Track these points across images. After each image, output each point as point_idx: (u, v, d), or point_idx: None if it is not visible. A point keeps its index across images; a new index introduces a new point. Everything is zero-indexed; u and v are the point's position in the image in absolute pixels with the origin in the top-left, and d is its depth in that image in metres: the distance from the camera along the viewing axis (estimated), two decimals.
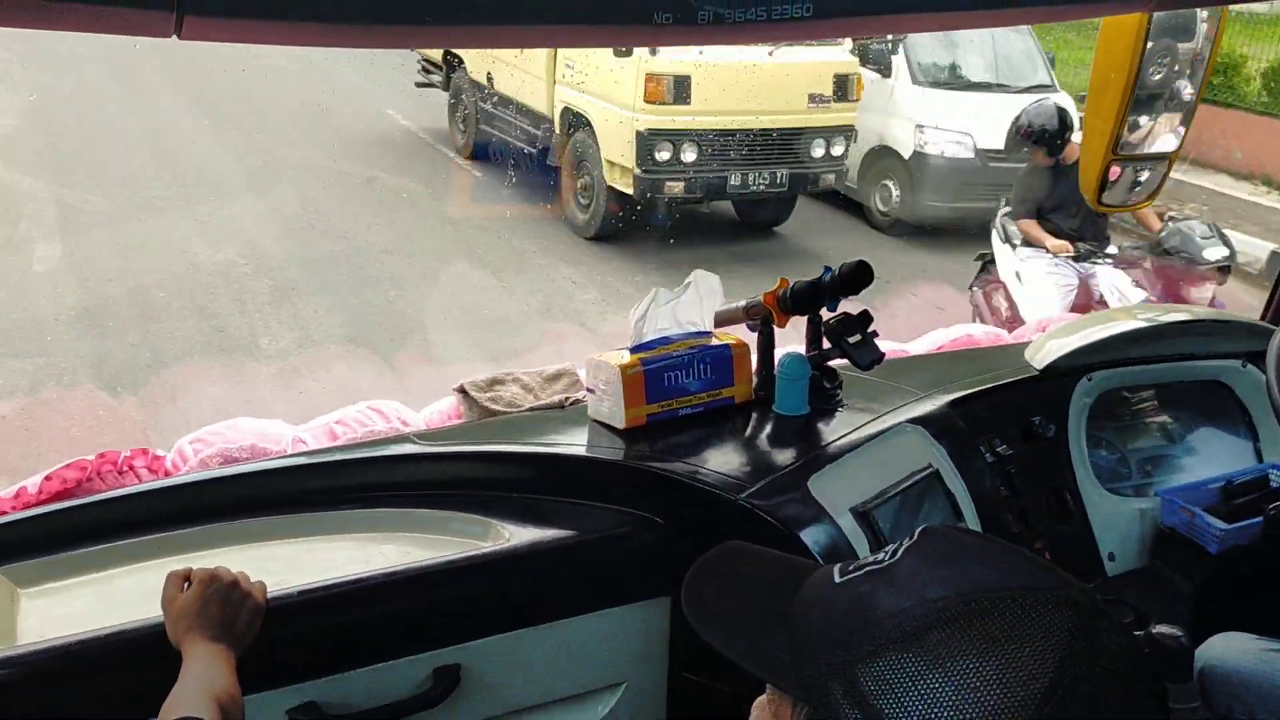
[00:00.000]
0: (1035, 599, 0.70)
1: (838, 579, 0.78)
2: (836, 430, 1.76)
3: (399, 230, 6.95)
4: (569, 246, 7.05)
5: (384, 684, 1.45)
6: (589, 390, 1.80)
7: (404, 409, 1.97)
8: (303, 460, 1.72)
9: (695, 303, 1.82)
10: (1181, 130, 2.10)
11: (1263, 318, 2.54)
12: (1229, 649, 1.68)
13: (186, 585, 1.29)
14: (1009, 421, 1.95)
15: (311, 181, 7.65)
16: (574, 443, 1.78)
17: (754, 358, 1.87)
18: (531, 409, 1.93)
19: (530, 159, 7.74)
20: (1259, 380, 2.09)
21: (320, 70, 10.14)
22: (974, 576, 0.72)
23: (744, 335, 1.89)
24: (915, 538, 0.78)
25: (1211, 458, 2.19)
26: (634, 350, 1.76)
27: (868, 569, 0.77)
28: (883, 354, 1.81)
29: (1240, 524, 1.89)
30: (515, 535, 1.58)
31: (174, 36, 0.92)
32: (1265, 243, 7.59)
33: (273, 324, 5.46)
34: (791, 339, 1.96)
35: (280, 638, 1.35)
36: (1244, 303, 5.60)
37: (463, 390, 1.97)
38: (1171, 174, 2.18)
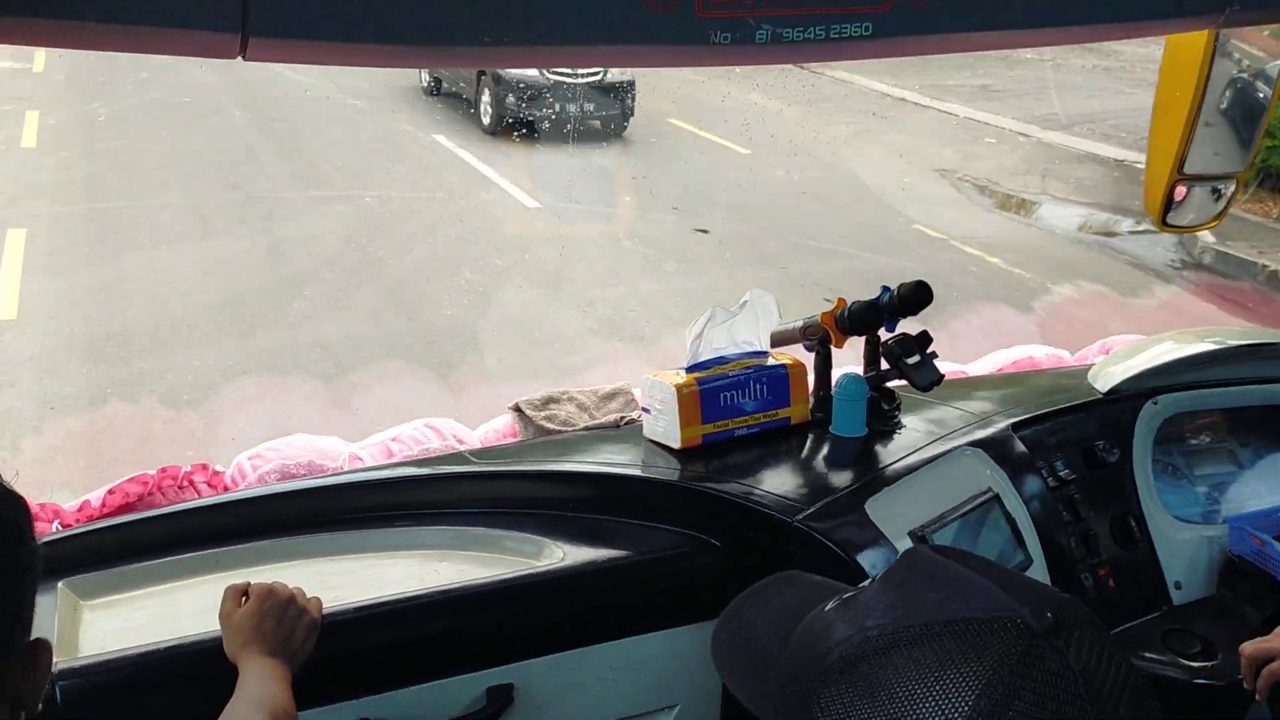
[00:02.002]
0: (971, 626, 0.68)
1: (829, 605, 0.79)
2: (894, 453, 1.73)
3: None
4: None
5: (437, 702, 1.45)
6: (644, 410, 1.79)
7: (459, 426, 1.98)
8: (359, 477, 1.74)
9: (752, 322, 1.81)
10: (1250, 149, 2.05)
11: None
12: None
13: (244, 600, 1.30)
14: (1071, 445, 1.92)
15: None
16: (629, 462, 1.77)
17: (811, 378, 1.86)
18: (586, 428, 1.93)
19: None
20: None
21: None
22: (916, 604, 0.71)
23: (801, 355, 1.88)
24: (894, 562, 0.78)
25: None
26: (690, 370, 1.76)
27: (845, 597, 0.77)
28: (942, 375, 1.79)
29: None
30: (570, 555, 1.57)
31: (239, 57, 0.93)
32: None
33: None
34: (849, 359, 1.95)
35: (335, 654, 1.36)
36: None
37: (518, 408, 1.97)
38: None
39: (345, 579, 1.53)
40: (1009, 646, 0.67)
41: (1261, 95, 2.00)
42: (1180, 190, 2.05)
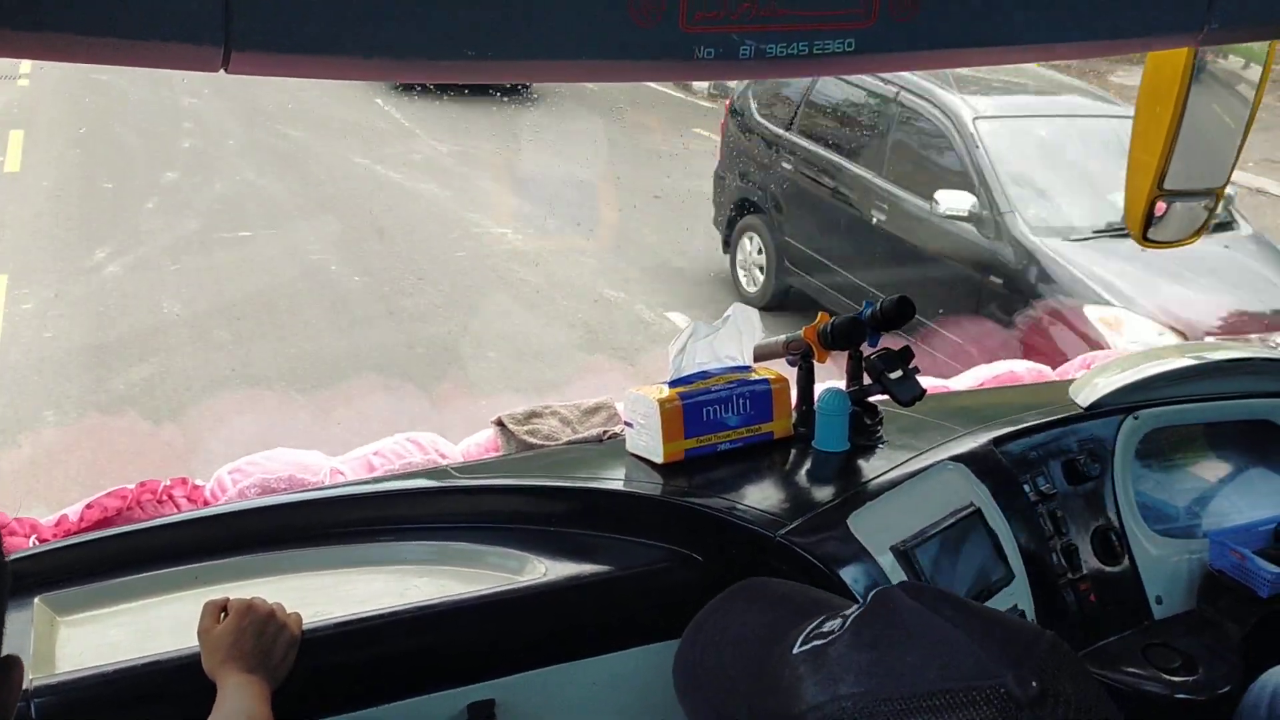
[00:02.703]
0: (951, 699, 0.64)
1: (795, 649, 0.75)
2: (877, 467, 1.73)
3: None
4: None
5: (418, 718, 1.44)
6: (627, 424, 1.79)
7: (441, 441, 1.97)
8: (340, 492, 1.73)
9: (734, 337, 1.81)
10: (1230, 164, 2.07)
11: None
12: None
13: (223, 615, 1.29)
14: (1053, 460, 1.92)
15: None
16: (612, 477, 1.77)
17: (794, 393, 1.86)
18: (569, 442, 1.92)
19: None
20: None
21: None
22: (892, 671, 0.68)
23: (784, 370, 1.88)
24: (863, 607, 0.74)
25: (1262, 499, 2.13)
26: (672, 384, 1.76)
27: (813, 645, 0.74)
28: (924, 390, 1.79)
29: None
30: (552, 570, 1.57)
31: (221, 71, 0.93)
32: None
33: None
34: (832, 374, 1.95)
35: (315, 670, 1.35)
36: None
37: (500, 423, 1.97)
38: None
39: (325, 594, 1.52)
40: None
41: (1240, 112, 2.02)
42: (1160, 206, 2.06)
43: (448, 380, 5.25)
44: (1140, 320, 4.39)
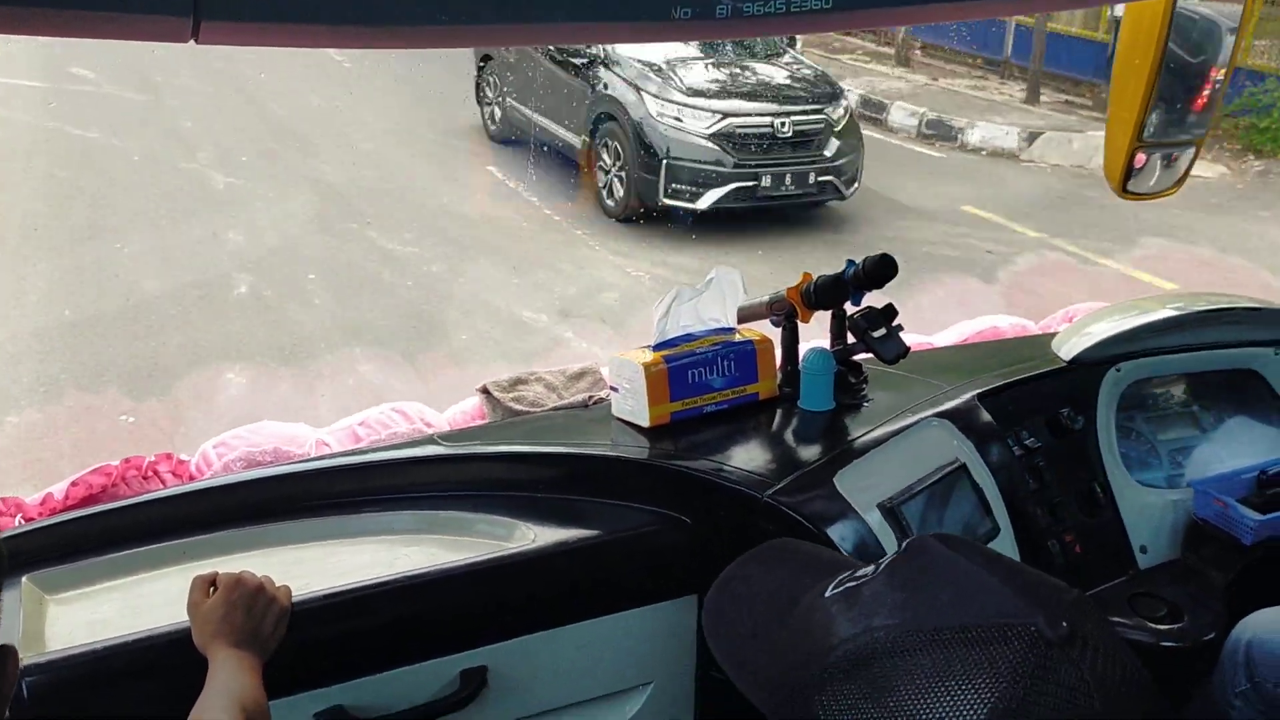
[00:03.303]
0: (984, 633, 0.66)
1: (827, 593, 0.76)
2: (862, 425, 1.74)
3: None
4: None
5: (410, 687, 1.45)
6: (612, 389, 1.79)
7: (427, 410, 1.97)
8: (326, 463, 1.72)
9: (718, 299, 1.81)
10: (1209, 114, 2.07)
11: None
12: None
13: (212, 590, 1.29)
14: (1037, 414, 1.93)
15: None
16: (598, 442, 1.77)
17: (778, 353, 1.86)
18: (555, 408, 1.92)
19: None
20: None
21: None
22: (927, 605, 0.69)
23: (768, 331, 1.88)
24: (897, 553, 0.76)
25: (1244, 447, 2.15)
26: (657, 348, 1.75)
27: (846, 586, 0.75)
28: (908, 348, 1.80)
29: (1275, 515, 1.86)
30: (540, 536, 1.57)
31: (191, 41, 0.91)
32: None
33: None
34: (816, 334, 1.95)
35: (306, 642, 1.35)
36: None
37: (485, 390, 1.96)
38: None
39: (314, 566, 1.52)
40: (1023, 657, 0.65)
41: (1219, 63, 2.01)
42: (1140, 158, 2.06)
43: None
44: None
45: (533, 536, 1.57)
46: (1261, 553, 1.87)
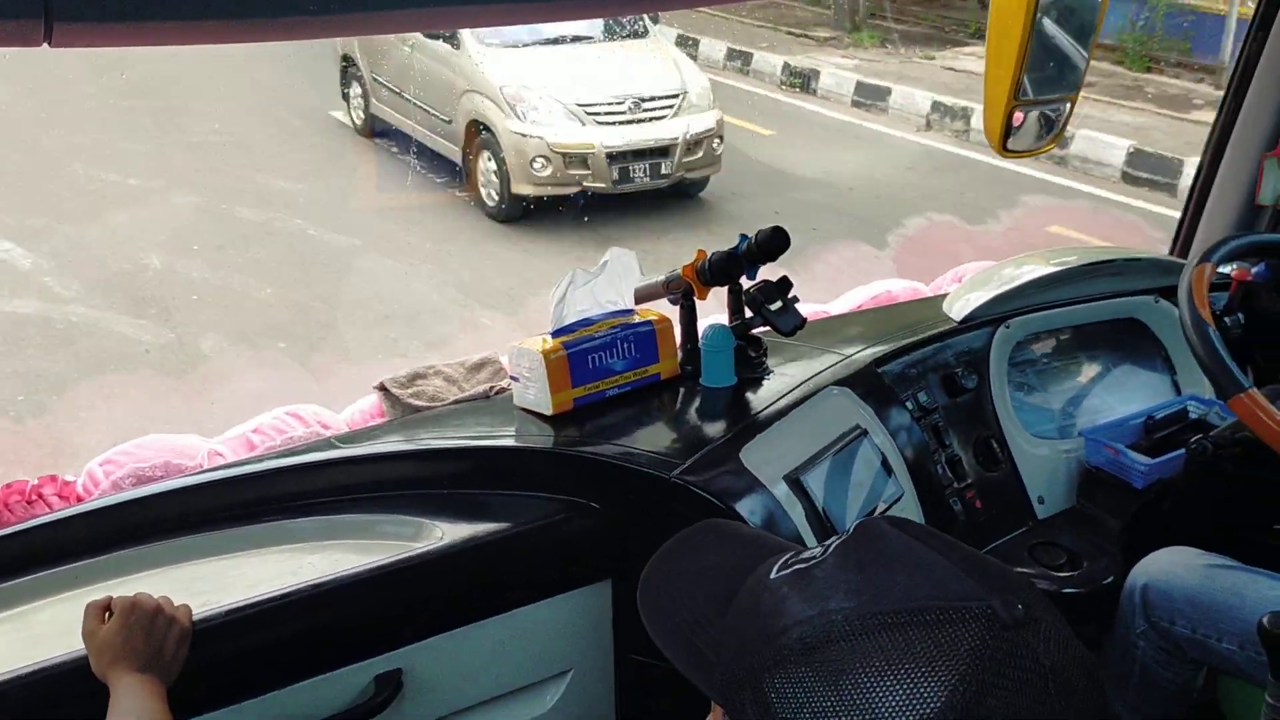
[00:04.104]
0: (940, 616, 0.66)
1: (772, 574, 0.75)
2: (764, 399, 1.75)
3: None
4: None
5: (324, 697, 1.42)
6: (513, 379, 1.77)
7: (324, 412, 1.92)
8: (220, 474, 1.67)
9: (614, 281, 1.79)
10: (1081, 69, 2.12)
11: (1171, 252, 2.60)
12: (1172, 564, 1.72)
13: (108, 615, 1.24)
14: (932, 375, 1.97)
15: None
16: (502, 433, 1.75)
17: (677, 332, 1.86)
18: (456, 402, 1.89)
19: None
20: (1172, 314, 2.13)
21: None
22: (884, 587, 0.69)
23: (666, 310, 1.88)
24: (848, 534, 0.75)
25: (1131, 394, 2.23)
26: (555, 334, 1.73)
27: (795, 568, 0.74)
28: (804, 319, 1.81)
29: (1163, 458, 1.93)
30: (448, 533, 1.54)
31: (45, 44, 0.86)
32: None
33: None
34: (714, 310, 1.95)
35: (211, 660, 1.31)
36: None
37: (383, 388, 1.92)
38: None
39: (214, 582, 1.47)
40: (981, 639, 0.65)
41: (1089, 19, 2.06)
42: (1018, 116, 2.10)
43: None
44: None
45: (440, 534, 1.54)
46: (1152, 495, 1.94)
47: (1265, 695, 1.23)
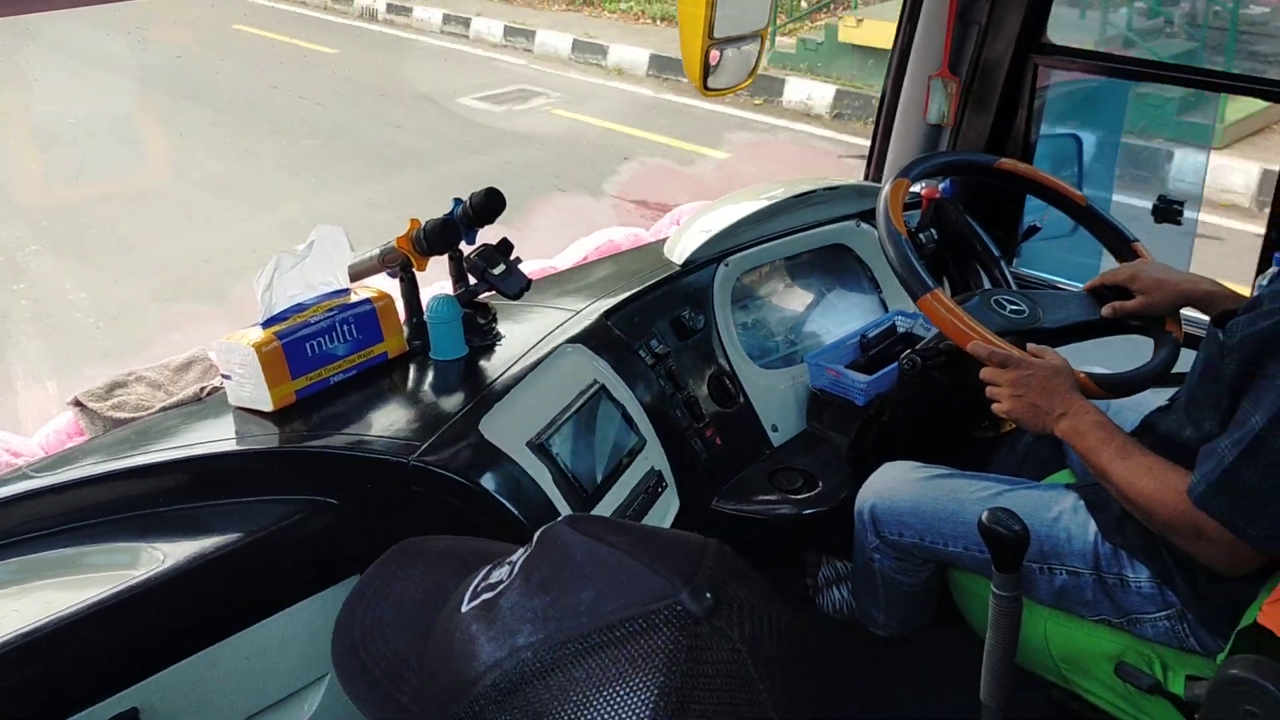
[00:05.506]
0: (631, 628, 0.64)
1: (463, 607, 0.71)
2: (499, 366, 1.71)
3: None
4: None
5: None
6: (225, 377, 1.64)
7: (12, 438, 1.72)
8: None
9: (324, 261, 1.69)
10: (766, 6, 2.18)
11: (866, 177, 2.74)
12: (893, 480, 1.83)
13: None
14: (661, 320, 1.99)
15: None
16: (221, 437, 1.61)
17: (401, 307, 1.78)
18: (165, 408, 1.74)
19: None
20: (873, 235, 2.24)
21: None
22: (570, 611, 0.66)
23: (386, 285, 1.79)
24: (530, 549, 0.72)
25: (845, 316, 2.34)
26: (266, 324, 1.62)
27: (483, 598, 0.70)
28: (529, 280, 1.78)
29: (879, 374, 2.05)
30: (170, 554, 1.42)
31: None
32: None
33: None
34: (438, 279, 1.89)
35: None
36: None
37: (78, 403, 1.74)
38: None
39: None
40: (675, 642, 0.63)
41: None
42: (714, 54, 2.14)
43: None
44: None
45: (162, 557, 1.41)
46: (873, 410, 2.05)
47: (991, 586, 1.32)
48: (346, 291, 1.72)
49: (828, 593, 2.12)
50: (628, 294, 1.97)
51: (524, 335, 1.80)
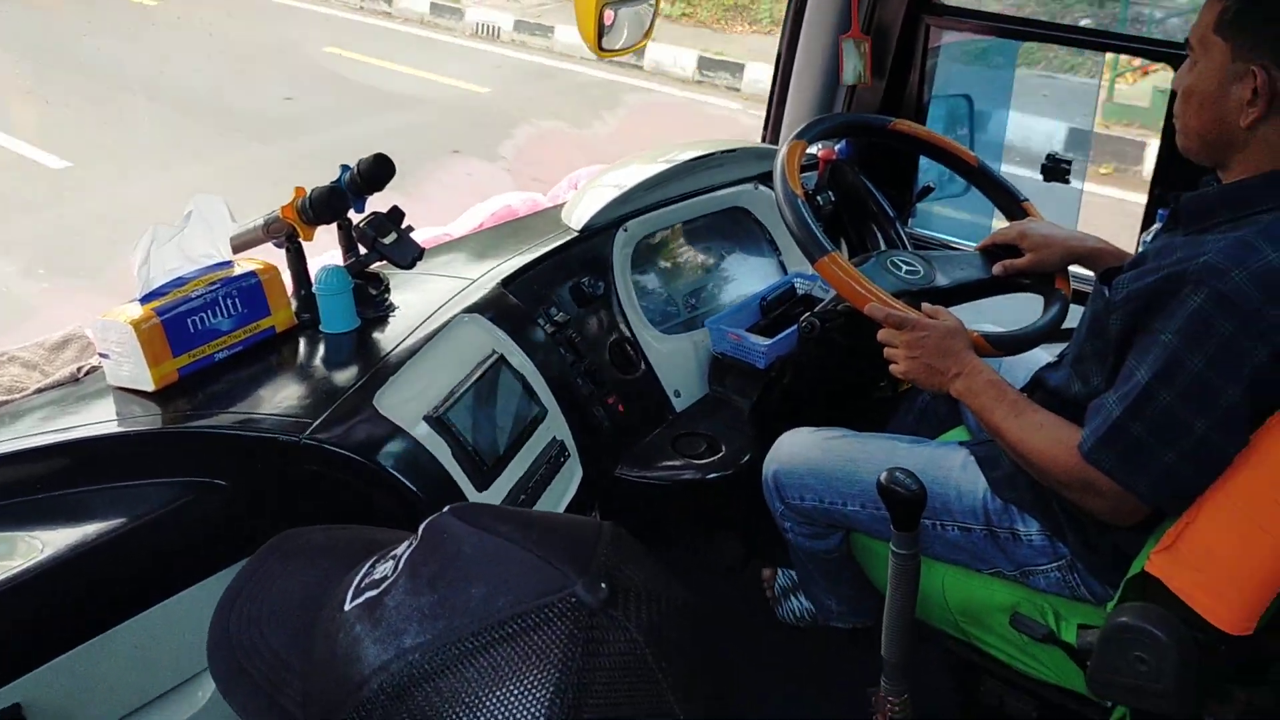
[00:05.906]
0: (522, 624, 0.61)
1: (346, 605, 0.67)
2: (393, 338, 1.66)
3: None
4: None
5: None
6: (103, 355, 1.56)
7: None
8: None
9: (204, 232, 1.62)
10: None
11: (763, 139, 2.74)
12: (793, 446, 1.83)
13: None
14: (560, 287, 1.96)
15: None
16: (100, 419, 1.54)
17: (288, 279, 1.72)
18: (40, 389, 1.65)
19: None
20: (771, 198, 2.24)
21: None
22: (460, 608, 0.62)
23: (272, 257, 1.73)
24: (415, 542, 0.68)
25: (744, 279, 2.35)
26: (145, 300, 1.54)
27: (367, 597, 0.67)
28: (422, 248, 1.73)
29: (779, 336, 2.05)
30: (50, 543, 1.35)
31: None
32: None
33: None
34: (327, 248, 1.83)
35: None
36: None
37: None
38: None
39: None
40: (570, 635, 0.60)
41: None
42: (609, 15, 2.11)
43: None
44: None
45: (40, 546, 1.35)
46: (774, 373, 2.06)
47: (890, 545, 1.34)
48: (229, 264, 1.65)
49: (785, 603, 2.12)
50: (525, 261, 1.93)
51: (418, 306, 1.76)
